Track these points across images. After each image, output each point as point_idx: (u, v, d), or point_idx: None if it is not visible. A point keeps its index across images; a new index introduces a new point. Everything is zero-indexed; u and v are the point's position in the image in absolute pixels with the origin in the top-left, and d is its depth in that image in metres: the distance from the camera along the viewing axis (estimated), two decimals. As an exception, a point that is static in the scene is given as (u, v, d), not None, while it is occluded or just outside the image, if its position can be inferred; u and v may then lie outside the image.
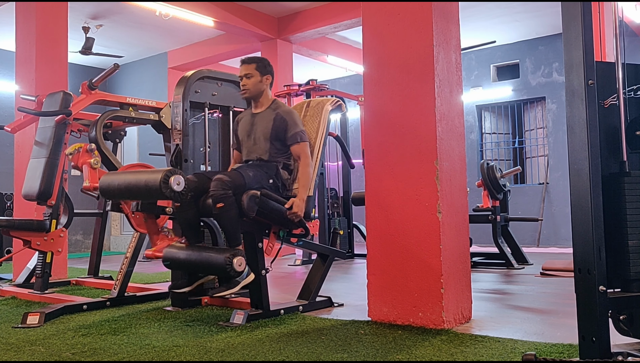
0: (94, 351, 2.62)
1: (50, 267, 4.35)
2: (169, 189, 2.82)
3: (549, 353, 2.36)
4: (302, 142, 3.32)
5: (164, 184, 2.81)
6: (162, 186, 2.80)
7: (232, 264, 2.91)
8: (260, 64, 3.41)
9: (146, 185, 2.89)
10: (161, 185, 2.80)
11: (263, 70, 3.40)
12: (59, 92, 4.34)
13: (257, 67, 3.39)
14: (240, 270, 2.95)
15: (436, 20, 3.04)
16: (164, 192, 2.81)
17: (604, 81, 2.12)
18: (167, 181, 2.81)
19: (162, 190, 2.80)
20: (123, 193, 3.08)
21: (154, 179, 2.83)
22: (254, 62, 3.40)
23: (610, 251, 2.03)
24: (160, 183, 2.80)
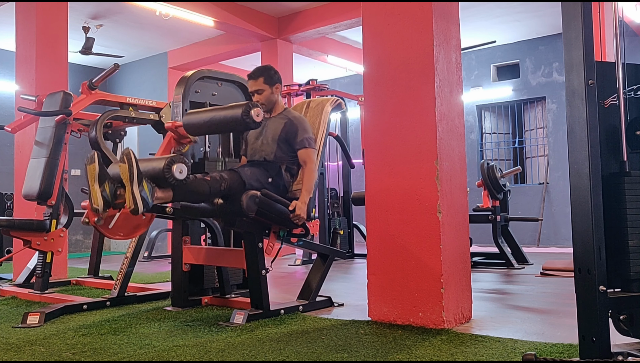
0: (94, 351, 2.62)
1: (50, 267, 4.35)
2: (250, 119, 2.89)
3: (549, 353, 2.36)
4: (310, 148, 3.36)
5: (246, 115, 2.89)
6: (244, 116, 2.89)
7: (171, 169, 2.72)
8: (267, 75, 3.45)
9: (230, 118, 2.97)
10: (243, 116, 2.89)
11: (270, 81, 3.46)
12: (59, 92, 4.34)
13: (265, 80, 3.44)
14: (179, 178, 2.74)
15: (436, 20, 3.04)
16: (246, 121, 2.89)
17: (604, 81, 2.12)
18: (248, 112, 2.89)
19: (244, 119, 2.89)
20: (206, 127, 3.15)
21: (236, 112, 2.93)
22: (260, 75, 3.44)
23: (610, 251, 2.03)
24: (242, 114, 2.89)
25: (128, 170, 2.67)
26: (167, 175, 2.71)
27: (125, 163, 2.68)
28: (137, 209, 2.68)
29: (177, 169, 2.73)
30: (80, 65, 9.38)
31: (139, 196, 2.68)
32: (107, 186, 2.78)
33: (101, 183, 2.78)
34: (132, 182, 2.66)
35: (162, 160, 2.75)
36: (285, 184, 3.37)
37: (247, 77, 3.50)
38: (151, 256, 7.52)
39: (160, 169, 2.72)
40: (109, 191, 2.78)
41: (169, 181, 2.73)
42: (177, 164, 2.73)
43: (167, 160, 2.73)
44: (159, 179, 2.74)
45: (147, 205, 2.71)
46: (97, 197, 2.77)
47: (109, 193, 2.78)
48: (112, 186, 2.80)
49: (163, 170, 2.71)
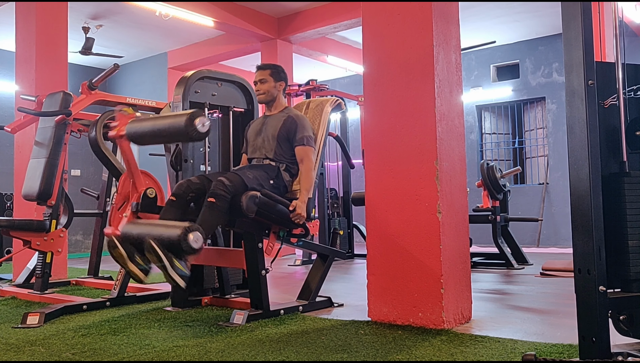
0: (94, 351, 2.62)
1: (50, 267, 4.35)
2: (194, 130, 2.77)
3: (549, 353, 2.36)
4: (308, 146, 3.37)
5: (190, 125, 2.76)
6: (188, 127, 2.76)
7: (187, 238, 2.69)
8: (275, 70, 3.53)
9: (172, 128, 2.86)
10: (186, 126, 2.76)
11: (277, 76, 3.53)
12: (59, 92, 4.34)
13: (271, 73, 3.51)
14: (195, 247, 2.72)
15: (436, 20, 3.04)
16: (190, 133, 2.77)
17: (604, 81, 2.12)
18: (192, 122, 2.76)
19: (187, 130, 2.76)
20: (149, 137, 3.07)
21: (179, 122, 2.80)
22: (268, 68, 3.53)
23: (610, 251, 2.03)
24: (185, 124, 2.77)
25: (158, 261, 2.71)
26: (186, 248, 2.69)
27: (152, 254, 2.71)
28: (180, 286, 2.75)
29: (194, 239, 2.70)
30: (80, 65, 9.38)
31: (177, 277, 2.72)
32: (139, 259, 2.83)
33: (133, 260, 2.82)
34: (167, 269, 2.70)
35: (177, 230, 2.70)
36: (285, 184, 3.37)
37: (256, 68, 3.57)
38: (151, 256, 7.51)
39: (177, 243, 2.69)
40: (143, 262, 2.83)
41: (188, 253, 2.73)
42: (192, 234, 2.70)
43: (182, 233, 2.68)
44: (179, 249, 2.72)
45: (187, 277, 2.77)
46: (137, 274, 2.83)
47: (144, 264, 2.83)
48: (143, 256, 2.83)
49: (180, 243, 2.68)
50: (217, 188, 2.95)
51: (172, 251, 2.72)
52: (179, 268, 2.72)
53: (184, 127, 2.74)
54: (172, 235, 2.70)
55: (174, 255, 2.72)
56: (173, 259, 2.72)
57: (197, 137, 2.79)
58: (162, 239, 2.73)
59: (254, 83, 3.57)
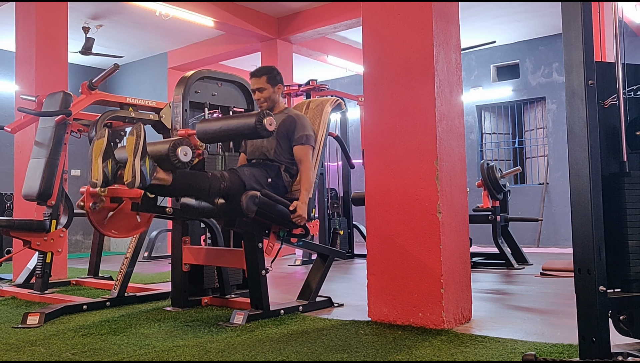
0: (94, 351, 2.62)
1: (50, 267, 4.35)
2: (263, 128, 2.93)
3: (549, 353, 2.36)
4: (307, 145, 3.35)
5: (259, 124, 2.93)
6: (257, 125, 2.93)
7: (176, 151, 2.73)
8: (270, 75, 3.47)
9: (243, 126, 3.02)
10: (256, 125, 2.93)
11: (274, 81, 3.48)
12: (59, 92, 4.34)
13: (267, 79, 3.45)
14: (183, 160, 2.75)
15: (436, 20, 3.04)
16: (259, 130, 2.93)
17: (604, 81, 2.12)
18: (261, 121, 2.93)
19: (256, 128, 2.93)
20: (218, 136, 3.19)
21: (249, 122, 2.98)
22: (263, 74, 3.46)
23: (610, 251, 2.03)
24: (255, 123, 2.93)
25: (135, 142, 2.66)
26: (172, 156, 2.71)
27: (133, 135, 2.67)
28: (134, 182, 2.66)
29: (182, 151, 2.74)
30: (80, 65, 9.38)
31: (138, 169, 2.66)
32: (110, 163, 2.77)
33: (105, 160, 2.76)
34: (135, 155, 2.65)
35: (169, 142, 2.77)
36: (284, 185, 3.37)
37: (250, 75, 3.51)
38: (151, 256, 7.53)
39: (165, 150, 2.73)
40: (111, 169, 2.77)
41: (172, 162, 2.73)
42: (183, 147, 2.75)
43: (174, 142, 2.75)
44: (163, 160, 2.75)
45: (145, 181, 2.69)
46: (97, 171, 2.74)
47: (110, 171, 2.76)
48: (115, 165, 2.79)
49: (168, 150, 2.72)
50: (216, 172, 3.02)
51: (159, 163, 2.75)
52: (144, 166, 2.69)
53: (254, 125, 2.93)
54: (162, 148, 2.76)
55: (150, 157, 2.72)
56: (147, 156, 2.70)
57: (265, 135, 2.99)
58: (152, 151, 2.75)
59: (252, 91, 3.54)
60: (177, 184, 2.88)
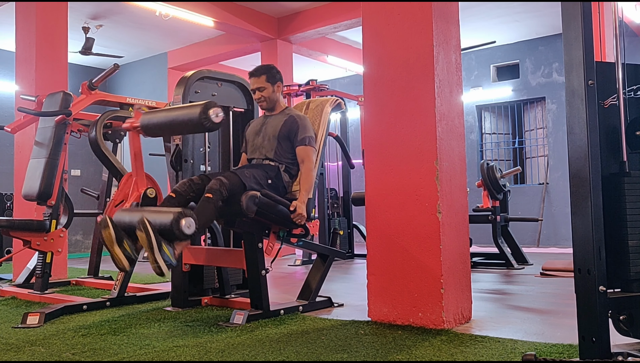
0: (94, 351, 2.62)
1: (50, 267, 4.35)
2: (208, 120, 2.83)
3: (549, 353, 2.36)
4: (309, 146, 3.36)
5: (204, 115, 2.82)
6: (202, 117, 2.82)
7: (180, 223, 2.70)
8: (269, 74, 3.47)
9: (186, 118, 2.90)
10: (200, 117, 2.81)
11: (273, 79, 3.47)
12: (59, 92, 4.34)
13: (267, 78, 3.45)
14: (187, 233, 2.73)
15: (436, 20, 3.04)
16: (204, 123, 2.82)
17: (604, 81, 2.12)
18: (206, 112, 2.82)
19: (201, 121, 2.81)
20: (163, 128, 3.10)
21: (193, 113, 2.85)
22: (262, 73, 3.46)
23: (610, 251, 2.02)
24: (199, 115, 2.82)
25: (147, 239, 2.69)
26: (177, 233, 2.70)
27: (142, 232, 2.69)
28: (163, 273, 2.72)
29: (186, 225, 2.71)
30: (80, 65, 9.38)
31: (162, 261, 2.71)
32: (127, 245, 2.81)
33: (120, 245, 2.80)
34: (153, 250, 2.69)
35: (170, 215, 2.72)
36: (284, 185, 3.37)
37: (249, 75, 3.50)
38: (151, 256, 7.51)
39: (169, 227, 2.70)
40: (130, 249, 2.81)
41: (177, 236, 2.73)
42: (185, 219, 2.71)
43: (175, 217, 2.70)
44: (169, 233, 2.73)
45: (172, 265, 2.76)
46: (121, 259, 2.80)
47: (130, 251, 2.81)
48: (131, 244, 2.82)
49: (172, 227, 2.69)
50: (214, 184, 2.98)
51: (163, 235, 2.72)
52: (165, 254, 2.71)
53: (198, 117, 2.80)
54: (165, 219, 2.72)
55: (164, 240, 2.72)
56: (162, 242, 2.71)
57: (211, 128, 2.85)
58: (154, 222, 2.73)
59: (251, 91, 3.54)
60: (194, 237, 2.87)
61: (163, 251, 2.71)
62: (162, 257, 2.70)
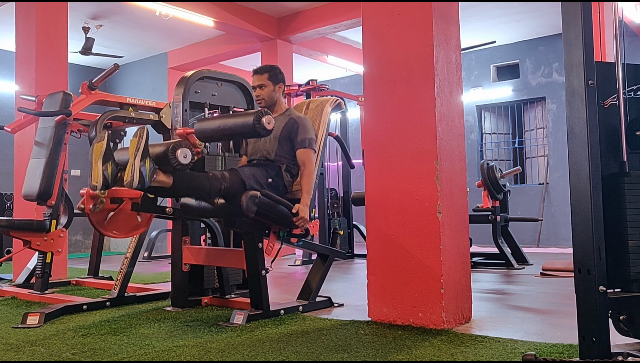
0: (94, 351, 2.62)
1: (50, 267, 4.35)
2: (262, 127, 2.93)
3: (549, 353, 2.36)
4: (310, 149, 3.36)
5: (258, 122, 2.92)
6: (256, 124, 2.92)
7: (176, 153, 2.72)
8: (272, 73, 3.49)
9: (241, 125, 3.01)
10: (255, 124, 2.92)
11: (275, 79, 3.49)
12: (59, 93, 4.34)
13: (269, 77, 3.47)
14: (183, 162, 2.74)
15: (436, 20, 3.04)
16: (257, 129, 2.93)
17: (604, 81, 2.12)
18: (260, 120, 2.92)
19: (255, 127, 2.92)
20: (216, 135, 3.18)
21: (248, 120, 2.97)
22: (265, 72, 3.48)
23: (610, 251, 2.03)
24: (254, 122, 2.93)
25: (137, 143, 2.66)
26: (171, 157, 2.71)
27: (136, 137, 2.68)
28: (132, 182, 2.65)
29: (182, 153, 2.74)
30: (80, 65, 9.38)
31: (137, 170, 2.66)
32: (110, 166, 2.76)
33: (104, 163, 2.76)
34: (136, 156, 2.65)
35: (168, 144, 2.77)
36: (285, 185, 3.37)
37: (252, 72, 3.53)
38: (151, 256, 7.52)
39: (164, 151, 2.73)
40: (111, 171, 2.76)
41: (172, 164, 2.73)
42: (182, 149, 2.75)
43: (173, 144, 2.75)
44: (163, 162, 2.74)
45: (144, 182, 2.68)
46: (97, 174, 2.74)
47: (110, 174, 2.76)
48: (115, 167, 2.78)
49: (167, 152, 2.72)
50: (217, 173, 3.01)
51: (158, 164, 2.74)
52: (144, 167, 2.68)
53: (253, 124, 2.92)
54: (162, 151, 2.75)
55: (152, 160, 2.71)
56: (148, 157, 2.70)
57: (264, 134, 2.98)
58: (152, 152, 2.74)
59: (253, 88, 3.55)
60: (177, 186, 2.87)
61: (144, 162, 2.67)
62: (140, 167, 2.66)
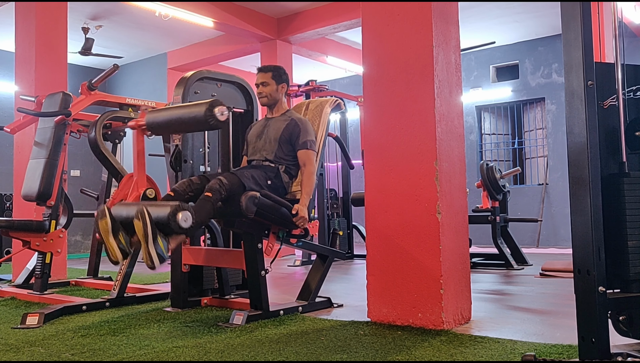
0: (93, 352, 2.62)
1: (49, 268, 4.35)
2: (213, 118, 2.84)
3: (548, 353, 2.36)
4: (310, 150, 3.38)
5: (209, 113, 2.83)
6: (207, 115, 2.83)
7: (177, 217, 2.70)
8: (276, 72, 3.53)
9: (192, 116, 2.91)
10: (206, 114, 2.83)
11: (278, 79, 3.53)
12: (58, 93, 4.34)
13: (273, 75, 3.51)
14: (184, 226, 2.73)
15: (436, 20, 3.04)
16: (209, 121, 2.84)
17: (604, 82, 2.12)
18: (212, 110, 2.83)
19: (207, 119, 2.83)
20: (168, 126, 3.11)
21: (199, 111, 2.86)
22: (270, 70, 3.52)
23: (610, 251, 2.03)
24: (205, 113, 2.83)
25: (143, 229, 2.69)
26: (173, 224, 2.70)
27: (140, 221, 2.69)
28: (154, 266, 2.71)
29: (182, 218, 2.72)
30: (79, 65, 9.38)
31: (154, 253, 2.70)
32: (122, 237, 2.80)
33: (115, 236, 2.79)
34: (147, 241, 2.69)
35: (168, 208, 2.73)
36: (284, 185, 3.37)
37: (257, 70, 3.57)
38: (151, 257, 7.50)
39: (165, 218, 2.71)
40: (124, 242, 2.80)
41: (174, 230, 2.73)
42: (182, 213, 2.72)
43: (172, 210, 2.71)
44: (165, 226, 2.73)
45: (163, 260, 2.75)
46: (114, 250, 2.79)
47: (125, 244, 2.80)
48: (127, 237, 2.81)
49: (168, 220, 2.70)
50: (214, 184, 2.98)
51: (159, 228, 2.71)
52: (159, 246, 2.70)
53: (204, 115, 2.81)
54: (163, 212, 2.72)
55: (160, 232, 2.71)
56: (158, 235, 2.70)
57: (216, 125, 2.88)
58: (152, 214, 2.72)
59: (255, 85, 3.58)
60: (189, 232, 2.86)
61: (157, 243, 2.70)
62: (156, 248, 2.69)
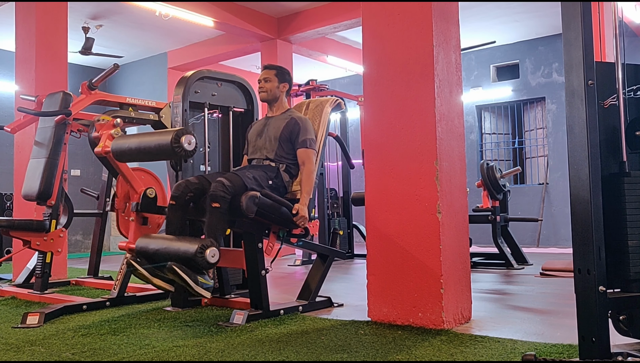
0: (93, 351, 2.62)
1: (50, 267, 4.35)
2: (180, 148, 2.82)
3: (548, 353, 2.36)
4: (310, 149, 3.39)
5: (176, 143, 2.81)
6: (174, 144, 2.80)
7: (204, 255, 2.76)
8: (280, 71, 3.61)
9: (157, 145, 2.89)
10: (172, 144, 2.80)
11: (281, 77, 3.59)
12: (58, 92, 4.34)
13: (276, 73, 3.59)
14: (212, 262, 2.79)
15: (436, 20, 3.04)
16: (176, 151, 2.81)
17: (604, 81, 2.12)
18: (178, 140, 2.81)
19: (173, 148, 2.80)
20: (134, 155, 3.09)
21: (165, 139, 2.84)
22: (274, 68, 3.62)
23: (610, 251, 2.03)
24: (171, 142, 2.80)
25: (181, 280, 2.81)
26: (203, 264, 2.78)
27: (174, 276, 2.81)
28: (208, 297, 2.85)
29: (210, 255, 2.79)
30: (79, 65, 9.38)
31: (202, 290, 2.85)
32: (161, 274, 2.93)
33: (156, 276, 2.94)
34: (191, 287, 2.81)
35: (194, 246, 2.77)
36: (284, 185, 3.38)
37: (263, 67, 3.64)
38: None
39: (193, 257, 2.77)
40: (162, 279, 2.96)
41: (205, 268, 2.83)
42: (209, 250, 2.78)
43: (198, 249, 2.76)
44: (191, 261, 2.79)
45: (211, 288, 2.90)
46: (164, 286, 2.98)
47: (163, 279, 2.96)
48: (161, 272, 2.92)
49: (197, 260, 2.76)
50: (217, 189, 2.96)
51: (191, 267, 2.82)
52: (203, 283, 2.84)
53: (170, 145, 2.79)
54: (189, 252, 2.78)
55: (194, 271, 2.82)
56: (197, 277, 2.82)
57: (184, 155, 2.84)
58: (179, 257, 2.81)
59: (258, 81, 3.62)
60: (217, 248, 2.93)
61: (200, 283, 2.84)
62: (201, 287, 2.84)
